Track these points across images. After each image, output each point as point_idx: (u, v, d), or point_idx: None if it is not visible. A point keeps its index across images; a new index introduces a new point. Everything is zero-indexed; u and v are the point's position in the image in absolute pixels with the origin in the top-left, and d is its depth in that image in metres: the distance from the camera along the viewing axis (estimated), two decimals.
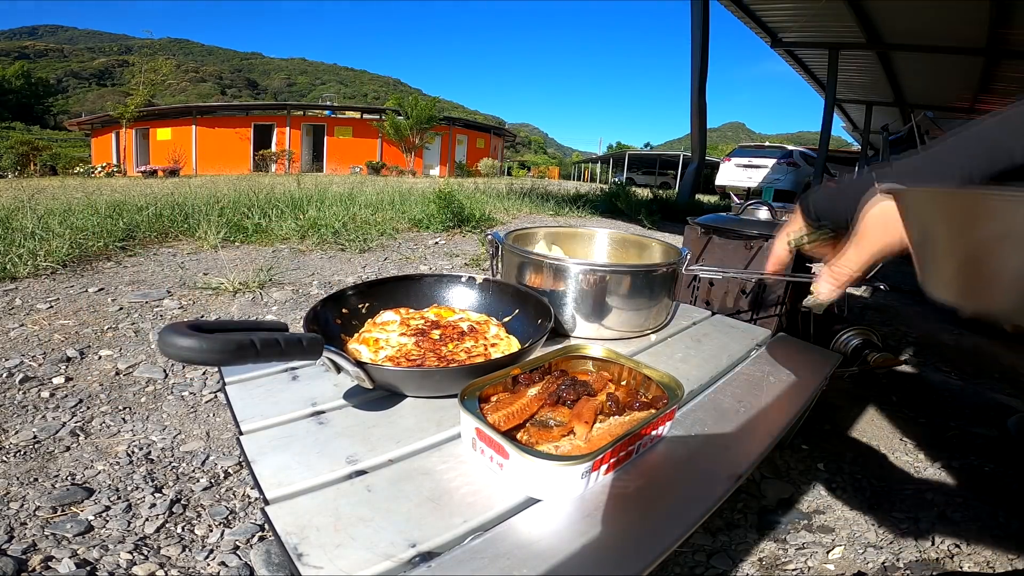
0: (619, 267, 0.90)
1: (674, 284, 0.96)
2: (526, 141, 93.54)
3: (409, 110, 18.27)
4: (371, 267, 2.61)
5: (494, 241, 1.03)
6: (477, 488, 0.51)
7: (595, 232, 1.19)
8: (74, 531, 0.83)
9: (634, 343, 0.92)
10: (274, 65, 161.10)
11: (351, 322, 0.82)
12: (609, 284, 0.87)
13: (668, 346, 0.93)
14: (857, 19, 6.82)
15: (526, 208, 5.15)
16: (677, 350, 0.91)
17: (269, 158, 19.10)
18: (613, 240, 1.18)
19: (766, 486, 1.03)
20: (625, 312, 0.90)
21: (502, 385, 0.63)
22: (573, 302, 0.88)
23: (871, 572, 0.83)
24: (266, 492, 0.49)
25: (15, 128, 50.60)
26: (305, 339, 0.52)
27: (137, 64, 22.62)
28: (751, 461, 0.61)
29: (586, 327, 0.89)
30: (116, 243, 2.58)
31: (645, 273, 0.89)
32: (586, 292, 0.87)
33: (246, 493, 0.96)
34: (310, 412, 0.63)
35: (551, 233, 1.15)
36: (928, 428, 1.31)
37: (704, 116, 7.42)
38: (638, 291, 0.89)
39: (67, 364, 1.39)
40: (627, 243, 1.18)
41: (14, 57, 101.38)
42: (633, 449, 0.57)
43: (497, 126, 30.40)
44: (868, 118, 11.61)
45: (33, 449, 1.04)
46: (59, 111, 74.11)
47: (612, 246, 1.18)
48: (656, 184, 19.28)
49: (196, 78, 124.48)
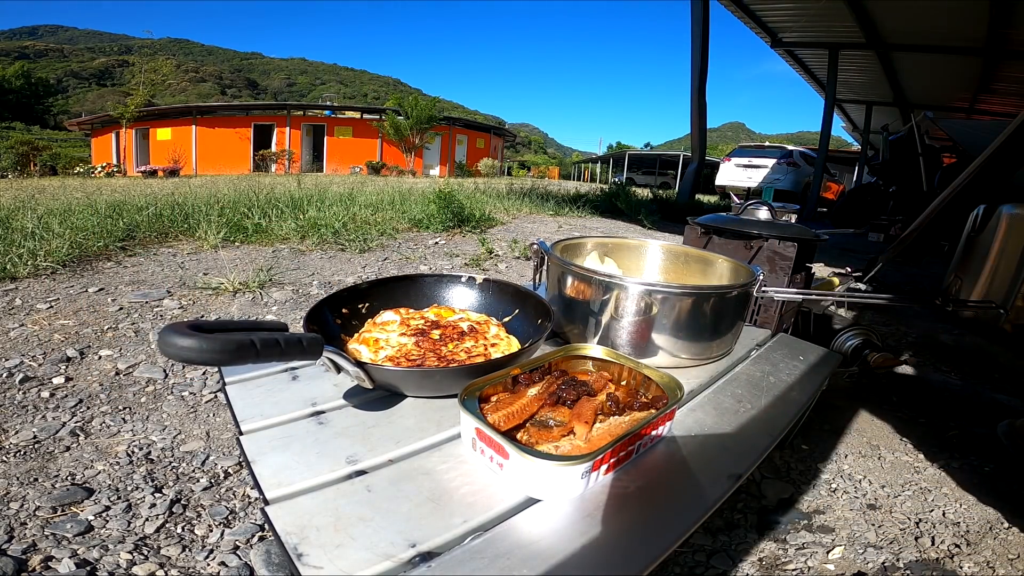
0: (688, 289, 0.79)
1: (746, 308, 0.86)
2: (526, 141, 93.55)
3: (409, 110, 18.27)
4: (371, 267, 2.61)
5: (539, 251, 0.95)
6: (477, 488, 0.51)
7: (648, 244, 1.10)
8: (74, 531, 0.83)
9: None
10: (274, 65, 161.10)
11: (351, 322, 0.82)
12: (672, 307, 0.77)
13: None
14: (857, 19, 6.82)
15: (526, 208, 5.15)
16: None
17: (269, 158, 19.09)
18: (671, 254, 1.08)
19: (766, 486, 1.03)
20: (684, 339, 0.80)
21: (502, 385, 0.63)
22: (629, 324, 0.79)
23: (871, 572, 0.83)
24: (266, 492, 0.49)
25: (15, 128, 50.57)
26: (305, 339, 0.52)
27: (137, 64, 22.64)
28: (751, 461, 0.61)
29: (642, 351, 0.81)
30: (116, 243, 2.58)
31: (718, 296, 0.79)
32: (643, 314, 0.78)
33: (246, 493, 0.96)
34: (310, 412, 0.63)
35: (601, 244, 1.07)
36: (928, 428, 1.31)
37: (704, 116, 7.42)
38: (705, 315, 0.79)
39: (67, 364, 1.39)
40: (688, 258, 1.07)
41: (14, 57, 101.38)
42: (633, 449, 0.57)
43: (497, 126, 30.40)
44: (868, 118, 11.61)
45: (33, 449, 1.04)
46: (59, 111, 74.13)
47: (670, 260, 1.08)
48: (656, 184, 19.29)
49: (196, 78, 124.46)
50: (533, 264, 1.03)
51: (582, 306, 0.83)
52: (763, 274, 0.89)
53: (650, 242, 1.10)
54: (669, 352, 0.81)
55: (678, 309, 0.78)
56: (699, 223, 1.34)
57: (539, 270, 1.01)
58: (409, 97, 19.32)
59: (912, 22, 6.56)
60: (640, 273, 1.09)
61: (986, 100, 9.01)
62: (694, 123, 7.41)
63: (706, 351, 0.84)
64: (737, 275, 0.95)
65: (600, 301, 0.80)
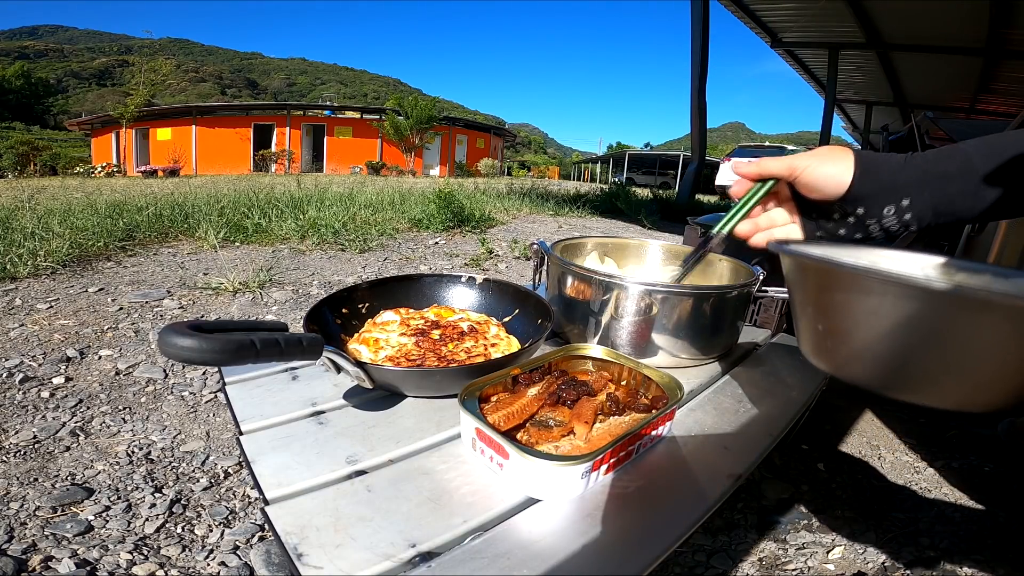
0: (688, 289, 0.79)
1: (746, 308, 0.86)
2: (526, 141, 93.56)
3: (409, 110, 18.27)
4: (371, 267, 2.61)
5: (539, 251, 0.95)
6: (477, 488, 0.51)
7: (648, 244, 1.10)
8: (74, 531, 0.83)
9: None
10: (274, 65, 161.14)
11: (351, 322, 0.82)
12: (672, 307, 0.77)
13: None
14: (857, 19, 6.83)
15: (526, 208, 5.16)
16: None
17: (269, 158, 19.10)
18: (671, 254, 1.08)
19: (766, 486, 1.03)
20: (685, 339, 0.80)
21: (502, 385, 0.63)
22: (630, 324, 0.79)
23: (871, 572, 0.83)
24: (266, 492, 0.49)
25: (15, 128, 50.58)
26: (305, 339, 0.52)
27: (137, 64, 22.62)
28: (751, 461, 0.61)
29: (642, 351, 0.81)
30: (116, 243, 2.58)
31: (718, 296, 0.79)
32: (644, 314, 0.78)
33: (246, 493, 0.96)
34: (310, 412, 0.63)
35: (601, 244, 1.07)
36: (928, 428, 1.31)
37: (704, 116, 7.43)
38: (705, 315, 0.79)
39: (67, 364, 1.39)
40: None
41: (14, 57, 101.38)
42: (633, 449, 0.57)
43: (497, 126, 30.41)
44: (868, 118, 11.61)
45: (33, 449, 1.04)
46: (59, 111, 74.11)
47: (670, 261, 1.08)
48: (656, 184, 19.28)
49: (196, 78, 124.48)
50: (533, 264, 1.03)
51: (582, 306, 0.83)
52: (763, 274, 0.88)
53: (650, 242, 1.10)
54: (669, 352, 0.81)
55: (678, 309, 0.78)
56: (699, 223, 1.34)
57: (539, 270, 1.01)
58: (409, 97, 19.32)
59: (912, 22, 6.56)
60: (639, 272, 1.09)
61: (986, 100, 9.01)
62: (694, 123, 7.41)
63: (706, 351, 0.84)
64: (737, 275, 0.94)
65: (600, 301, 0.80)
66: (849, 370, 0.38)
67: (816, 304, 0.39)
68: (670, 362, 0.82)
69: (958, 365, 0.32)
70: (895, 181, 0.46)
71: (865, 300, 0.34)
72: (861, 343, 0.35)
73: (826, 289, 0.37)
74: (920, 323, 0.32)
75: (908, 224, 0.47)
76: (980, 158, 0.44)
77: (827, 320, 0.38)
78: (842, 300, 0.35)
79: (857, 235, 0.50)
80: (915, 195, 0.46)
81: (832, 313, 0.37)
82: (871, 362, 0.35)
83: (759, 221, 0.56)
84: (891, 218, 0.47)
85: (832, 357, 0.39)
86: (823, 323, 0.38)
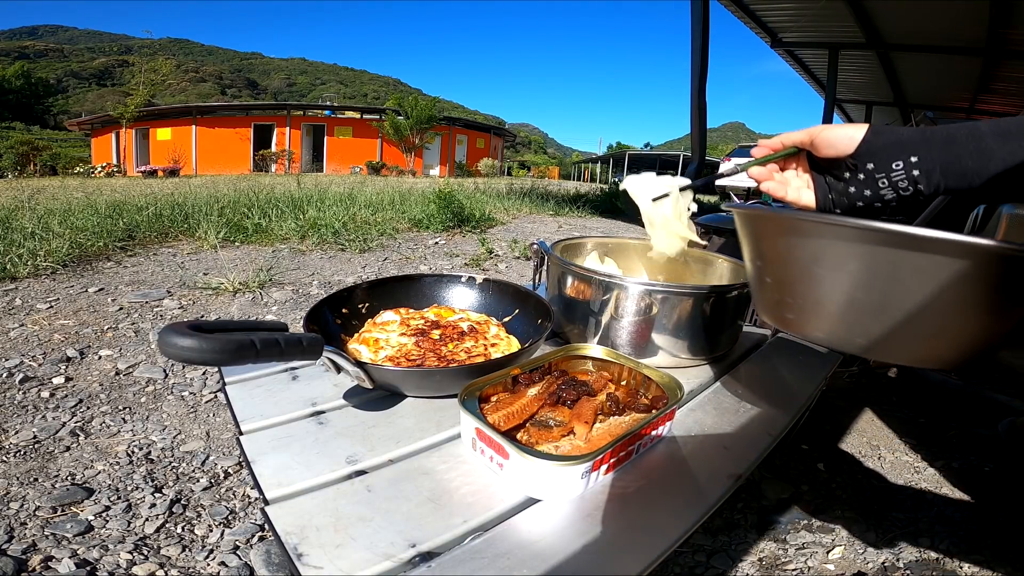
0: (688, 289, 0.78)
1: (746, 308, 0.86)
2: (526, 141, 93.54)
3: (409, 110, 18.27)
4: (371, 267, 2.61)
5: (539, 251, 0.95)
6: (477, 488, 0.51)
7: (648, 244, 1.13)
8: (74, 531, 0.83)
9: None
10: (274, 65, 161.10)
11: (351, 322, 0.82)
12: (672, 307, 0.77)
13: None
14: (857, 19, 6.82)
15: (526, 208, 5.16)
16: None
17: (269, 158, 19.09)
18: None
19: (766, 486, 1.03)
20: (684, 338, 0.80)
21: (502, 385, 0.63)
22: (630, 324, 0.79)
23: (871, 572, 0.83)
24: (266, 492, 0.49)
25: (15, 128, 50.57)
26: (305, 339, 0.52)
27: (137, 64, 22.63)
28: (751, 461, 0.61)
29: (642, 351, 0.81)
30: (116, 243, 2.58)
31: (718, 296, 0.79)
32: (644, 314, 0.78)
33: (246, 493, 0.96)
34: (310, 412, 0.63)
35: (601, 244, 1.07)
36: (928, 428, 1.31)
37: (704, 116, 7.41)
38: (705, 315, 0.79)
39: (67, 364, 1.39)
40: (688, 258, 1.06)
41: (14, 57, 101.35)
42: (633, 449, 0.57)
43: (497, 126, 30.40)
44: (868, 118, 11.61)
45: (33, 449, 1.04)
46: (59, 111, 74.10)
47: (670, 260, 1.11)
48: None
49: (196, 78, 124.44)
50: (533, 264, 1.03)
51: (582, 306, 0.83)
52: None
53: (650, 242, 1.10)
54: (669, 352, 0.81)
55: (678, 309, 0.78)
56: (699, 223, 1.34)
57: (539, 270, 1.01)
58: (409, 97, 19.32)
59: (912, 22, 6.56)
60: (640, 273, 1.08)
61: (986, 100, 9.01)
62: (694, 123, 7.39)
63: (706, 351, 0.84)
64: (737, 275, 0.95)
65: (600, 301, 0.80)
66: (802, 323, 0.39)
67: (760, 255, 0.40)
68: (670, 362, 0.82)
69: (898, 311, 0.33)
70: (904, 138, 0.49)
71: (800, 244, 0.34)
72: (806, 292, 0.36)
73: (764, 236, 0.38)
74: (853, 265, 0.32)
75: (917, 182, 0.48)
76: (986, 126, 0.47)
77: (773, 270, 0.39)
78: (782, 246, 0.36)
79: (867, 193, 0.52)
80: (923, 153, 0.48)
81: (775, 262, 0.37)
82: (820, 313, 0.36)
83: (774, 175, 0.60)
84: (900, 173, 0.49)
85: (782, 310, 0.40)
86: (771, 275, 0.39)
